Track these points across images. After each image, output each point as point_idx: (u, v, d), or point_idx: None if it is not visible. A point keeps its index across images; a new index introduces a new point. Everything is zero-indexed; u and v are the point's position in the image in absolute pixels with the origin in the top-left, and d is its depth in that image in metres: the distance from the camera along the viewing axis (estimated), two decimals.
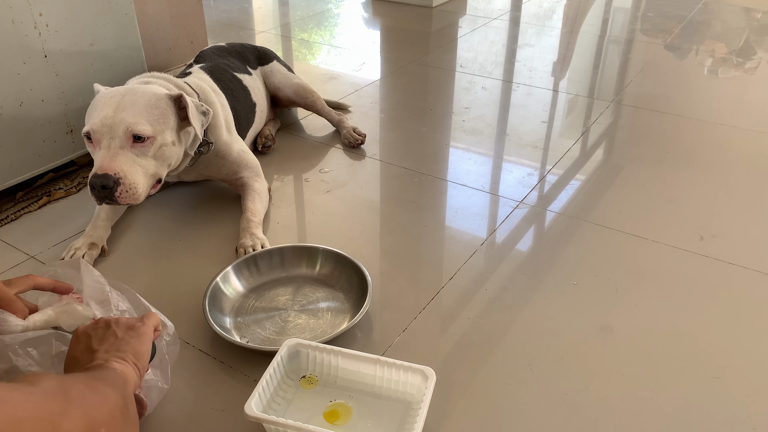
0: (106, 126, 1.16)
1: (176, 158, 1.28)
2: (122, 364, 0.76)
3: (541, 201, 1.52)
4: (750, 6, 3.25)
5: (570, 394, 0.99)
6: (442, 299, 1.19)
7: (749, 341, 1.10)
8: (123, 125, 1.16)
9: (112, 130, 1.16)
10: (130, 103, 1.19)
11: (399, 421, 0.92)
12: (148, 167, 1.20)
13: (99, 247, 1.29)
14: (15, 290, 0.85)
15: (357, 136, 1.77)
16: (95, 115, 1.18)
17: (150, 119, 1.19)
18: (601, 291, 1.21)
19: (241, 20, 3.01)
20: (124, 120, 1.16)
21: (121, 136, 1.16)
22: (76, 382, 0.66)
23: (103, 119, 1.16)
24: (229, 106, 1.49)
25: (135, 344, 0.80)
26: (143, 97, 1.20)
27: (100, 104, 1.19)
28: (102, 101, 1.20)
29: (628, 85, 2.22)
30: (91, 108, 1.21)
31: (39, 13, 1.38)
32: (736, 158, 1.72)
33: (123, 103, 1.18)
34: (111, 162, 1.15)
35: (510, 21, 3.01)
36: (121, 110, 1.17)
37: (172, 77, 1.37)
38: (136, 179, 1.17)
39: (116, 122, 1.16)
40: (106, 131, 1.16)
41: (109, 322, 0.82)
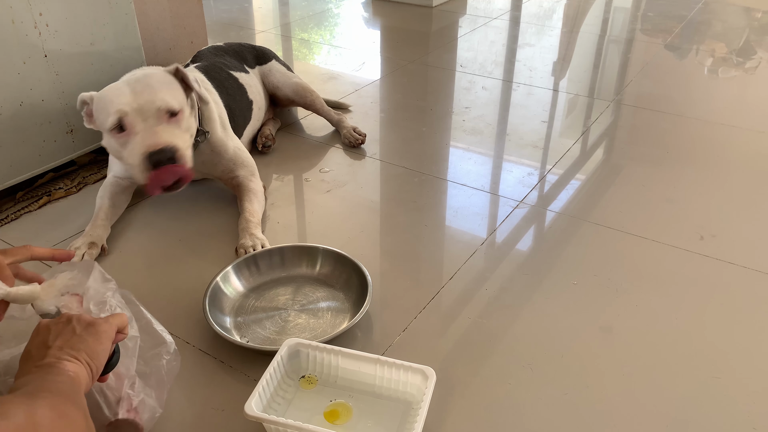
0: (135, 109, 1.17)
1: (194, 129, 1.30)
2: (75, 364, 0.72)
3: (541, 201, 1.52)
4: (750, 6, 3.25)
5: (570, 394, 0.99)
6: (442, 299, 1.19)
7: (749, 341, 1.10)
8: (155, 105, 1.18)
9: (147, 111, 1.18)
10: (147, 85, 1.21)
11: (399, 421, 0.92)
12: (184, 139, 1.22)
13: (99, 246, 1.29)
14: (10, 260, 0.83)
15: (357, 136, 1.77)
16: (114, 104, 1.17)
17: (172, 94, 1.22)
18: (601, 291, 1.21)
19: (241, 20, 3.01)
20: (156, 98, 1.18)
21: (155, 114, 1.18)
22: (45, 409, 0.63)
23: (128, 103, 1.17)
24: (225, 103, 1.49)
25: (91, 342, 0.75)
26: (152, 77, 1.23)
27: (114, 94, 1.20)
28: (114, 92, 1.20)
29: (628, 84, 2.22)
30: (104, 101, 1.20)
31: (39, 13, 1.38)
32: (736, 158, 1.72)
33: (138, 87, 1.20)
34: (160, 137, 1.17)
35: (510, 21, 3.01)
36: (141, 93, 1.19)
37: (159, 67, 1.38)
38: (183, 146, 1.19)
39: (145, 103, 1.18)
40: (137, 114, 1.18)
41: (71, 318, 0.78)
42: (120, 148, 1.21)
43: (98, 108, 1.22)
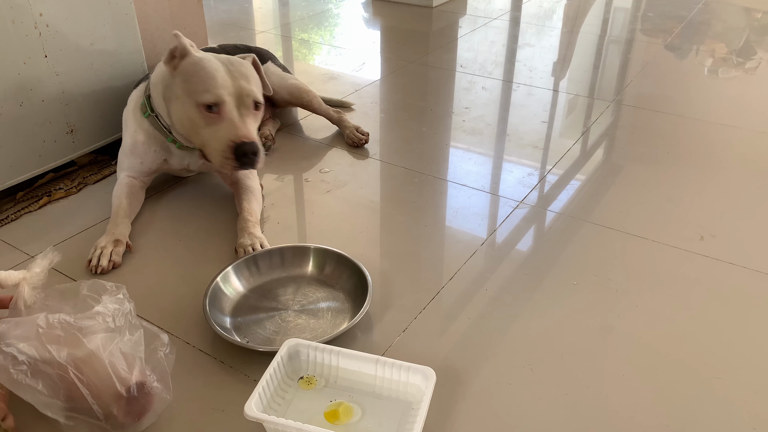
0: (233, 96, 1.23)
1: None
2: None
3: (542, 201, 1.52)
4: (750, 6, 3.25)
5: (570, 394, 0.99)
6: (442, 299, 1.19)
7: (749, 341, 1.10)
8: (249, 93, 1.24)
9: (241, 100, 1.23)
10: (242, 73, 1.26)
11: (399, 421, 0.92)
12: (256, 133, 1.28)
13: (123, 243, 1.29)
14: None
15: (360, 136, 1.77)
16: (219, 85, 1.22)
17: (258, 86, 1.29)
18: (601, 291, 1.21)
19: (241, 20, 3.01)
20: (250, 89, 1.24)
21: (248, 104, 1.24)
22: None
23: (229, 89, 1.22)
24: None
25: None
26: (247, 68, 1.29)
27: (217, 74, 1.23)
28: (216, 69, 1.24)
29: (628, 85, 2.22)
30: (203, 75, 1.23)
31: (39, 13, 1.38)
32: (736, 158, 1.72)
33: (234, 72, 1.25)
34: (250, 130, 1.23)
35: (510, 21, 3.01)
36: (238, 80, 1.24)
37: None
38: (260, 143, 1.26)
39: (242, 91, 1.23)
40: (233, 101, 1.23)
41: None
42: (202, 123, 1.24)
43: (195, 74, 1.25)
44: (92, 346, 0.83)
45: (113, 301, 0.89)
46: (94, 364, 0.83)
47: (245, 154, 1.21)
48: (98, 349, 0.83)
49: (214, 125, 1.23)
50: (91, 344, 0.83)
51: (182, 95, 1.26)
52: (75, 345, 0.83)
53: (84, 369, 0.82)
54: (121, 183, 1.42)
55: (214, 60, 1.26)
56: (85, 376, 0.82)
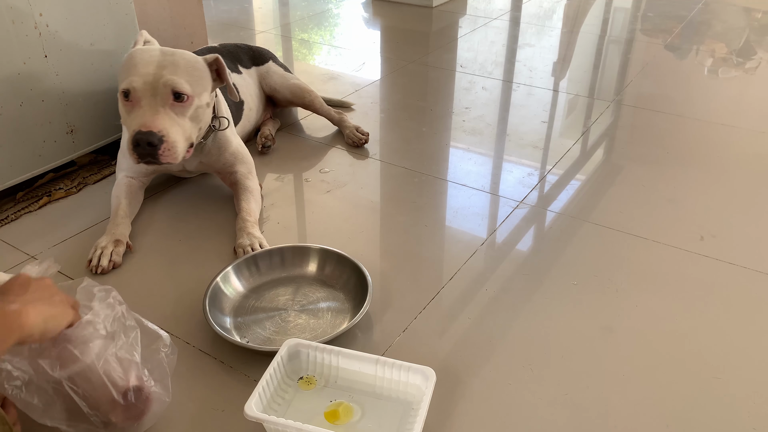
0: (148, 84, 1.18)
1: (206, 121, 1.31)
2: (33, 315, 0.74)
3: (542, 201, 1.52)
4: (750, 6, 3.25)
5: (570, 394, 0.99)
6: (442, 299, 1.19)
7: (749, 341, 1.10)
8: (165, 82, 1.18)
9: (154, 88, 1.18)
10: (171, 62, 1.21)
11: (399, 421, 0.92)
12: (185, 128, 1.22)
13: (124, 243, 1.29)
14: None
15: (360, 136, 1.77)
16: (135, 72, 1.19)
17: (190, 79, 1.22)
18: (602, 291, 1.21)
19: (241, 20, 3.01)
20: (166, 77, 1.18)
21: (163, 93, 1.18)
22: None
23: (144, 76, 1.18)
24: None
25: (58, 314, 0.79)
26: (183, 58, 1.23)
27: (140, 61, 1.20)
28: (142, 58, 1.21)
29: (628, 85, 2.22)
30: (128, 64, 1.21)
31: (39, 13, 1.38)
32: (736, 158, 1.72)
33: (163, 62, 1.20)
34: (154, 119, 1.17)
35: (510, 21, 3.01)
36: (162, 68, 1.19)
37: None
38: (177, 138, 1.19)
39: (157, 79, 1.18)
40: (148, 89, 1.18)
41: (51, 283, 0.81)
42: (125, 114, 1.22)
43: (125, 63, 1.23)
44: (86, 359, 0.82)
45: (104, 306, 0.87)
46: (88, 375, 0.82)
47: (138, 144, 1.15)
48: (92, 361, 0.82)
49: (130, 114, 1.20)
50: (85, 357, 0.81)
51: None
52: (68, 359, 0.82)
53: (79, 382, 0.81)
54: (119, 183, 1.42)
55: (150, 51, 1.23)
56: (80, 388, 0.81)
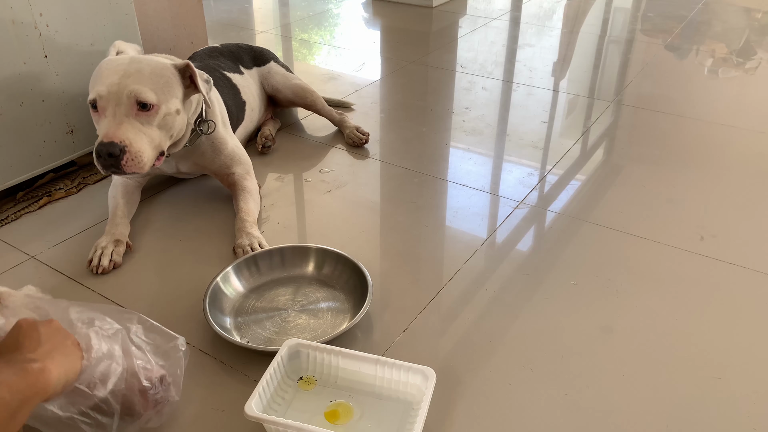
0: (112, 93, 1.17)
1: (179, 128, 1.28)
2: (55, 370, 0.72)
3: (542, 201, 1.52)
4: (750, 6, 3.25)
5: (570, 394, 0.99)
6: (442, 299, 1.19)
7: (749, 341, 1.10)
8: (127, 91, 1.17)
9: (118, 97, 1.17)
10: (136, 70, 1.19)
11: (399, 421, 0.92)
12: (153, 136, 1.20)
13: (124, 243, 1.29)
14: None
15: (360, 136, 1.77)
16: (101, 82, 1.18)
17: (155, 87, 1.20)
18: (601, 291, 1.21)
19: (241, 20, 3.01)
20: (129, 86, 1.17)
21: (126, 103, 1.17)
22: None
23: (109, 86, 1.17)
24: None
25: (75, 360, 0.78)
26: (149, 65, 1.21)
27: (106, 71, 1.19)
28: (108, 68, 1.20)
29: (628, 85, 2.22)
30: (95, 75, 1.21)
31: (39, 13, 1.38)
32: (736, 158, 1.72)
33: (129, 71, 1.19)
34: (117, 130, 1.15)
35: (510, 21, 3.01)
36: (126, 77, 1.18)
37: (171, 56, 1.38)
38: (142, 147, 1.17)
39: (122, 89, 1.17)
40: (112, 98, 1.17)
41: (60, 327, 0.80)
42: (95, 124, 1.21)
43: (93, 74, 1.22)
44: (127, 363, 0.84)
45: (92, 333, 0.88)
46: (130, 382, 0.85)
47: (100, 155, 1.13)
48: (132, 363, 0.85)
49: (98, 124, 1.19)
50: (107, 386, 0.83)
51: None
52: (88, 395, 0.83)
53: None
54: (115, 184, 1.42)
55: (118, 60, 1.22)
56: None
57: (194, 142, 1.38)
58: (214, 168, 1.46)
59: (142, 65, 1.21)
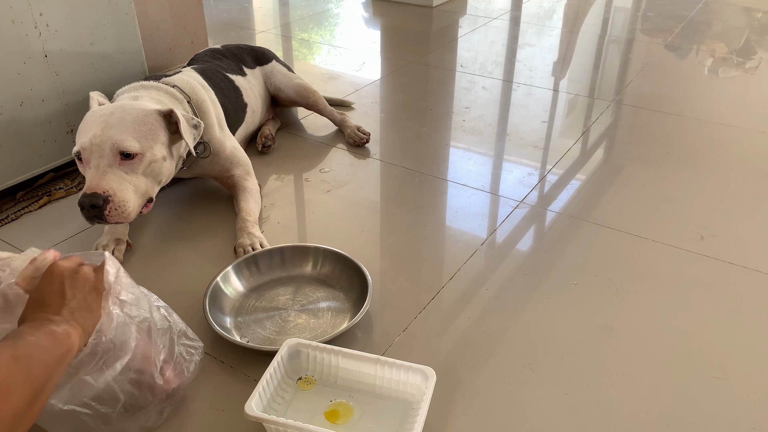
0: (95, 145, 1.15)
1: (168, 174, 1.27)
2: (77, 332, 0.75)
3: (542, 201, 1.52)
4: (750, 6, 3.25)
5: (570, 394, 0.99)
6: (442, 299, 1.19)
7: (749, 341, 1.10)
8: (110, 143, 1.15)
9: (101, 149, 1.15)
10: (118, 120, 1.18)
11: (399, 421, 0.92)
12: (138, 185, 1.18)
13: (124, 242, 1.30)
14: None
15: (362, 135, 1.77)
16: (83, 134, 1.17)
17: (137, 135, 1.18)
18: (602, 291, 1.21)
19: (241, 20, 3.01)
20: (111, 137, 1.15)
21: (109, 154, 1.15)
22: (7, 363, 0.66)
23: (92, 138, 1.15)
24: (221, 103, 1.49)
25: (95, 315, 0.80)
26: (131, 114, 1.19)
27: (89, 123, 1.19)
28: (91, 120, 1.19)
29: (628, 84, 2.22)
30: (80, 127, 1.20)
31: (39, 13, 1.38)
32: (736, 158, 1.72)
33: (110, 121, 1.17)
34: (100, 181, 1.14)
35: (510, 21, 3.01)
36: (108, 128, 1.16)
37: (162, 85, 1.36)
38: (126, 197, 1.15)
39: (104, 140, 1.15)
40: (95, 150, 1.15)
41: (87, 276, 0.81)
42: (83, 174, 1.20)
43: (79, 127, 1.21)
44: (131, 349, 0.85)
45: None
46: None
47: (83, 207, 1.12)
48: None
49: (84, 175, 1.18)
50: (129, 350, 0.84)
51: None
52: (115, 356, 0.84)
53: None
54: None
55: (100, 111, 1.20)
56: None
57: (190, 164, 1.38)
58: (213, 173, 1.46)
59: (125, 114, 1.19)
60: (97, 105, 1.26)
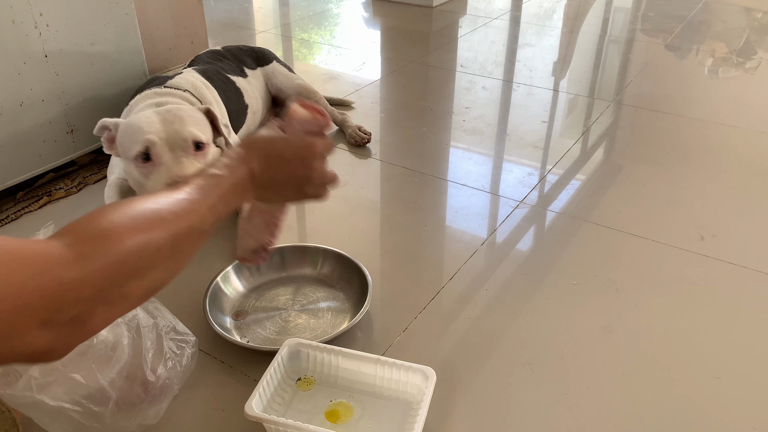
0: (164, 139, 1.16)
1: None
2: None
3: (542, 201, 1.52)
4: (750, 6, 3.25)
5: (570, 394, 0.99)
6: (442, 299, 1.19)
7: (749, 341, 1.10)
8: (184, 133, 1.16)
9: (172, 142, 1.16)
10: (176, 116, 1.19)
11: (399, 421, 0.92)
12: None
13: None
14: None
15: (363, 135, 1.77)
16: (144, 132, 1.16)
17: (202, 128, 1.21)
18: (601, 291, 1.21)
19: (241, 20, 3.01)
20: (185, 129, 1.17)
21: (183, 145, 1.16)
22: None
23: (158, 133, 1.15)
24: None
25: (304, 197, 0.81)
26: (184, 111, 1.21)
27: (144, 124, 1.17)
28: (146, 121, 1.18)
29: (628, 85, 2.22)
30: (133, 130, 1.17)
31: (39, 13, 1.38)
32: (736, 158, 1.72)
33: (169, 118, 1.18)
34: (182, 168, 1.14)
35: (510, 21, 3.01)
36: (170, 124, 1.17)
37: (175, 90, 1.36)
38: None
39: (175, 132, 1.16)
40: (167, 143, 1.16)
41: (322, 147, 0.80)
42: (143, 178, 1.18)
43: (125, 135, 1.19)
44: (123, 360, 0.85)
45: None
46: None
47: None
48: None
49: (151, 174, 1.17)
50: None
51: (125, 160, 1.22)
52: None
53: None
54: (112, 183, 1.42)
55: (146, 114, 1.20)
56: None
57: None
58: None
59: (179, 111, 1.20)
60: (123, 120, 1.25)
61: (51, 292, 0.48)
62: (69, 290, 0.49)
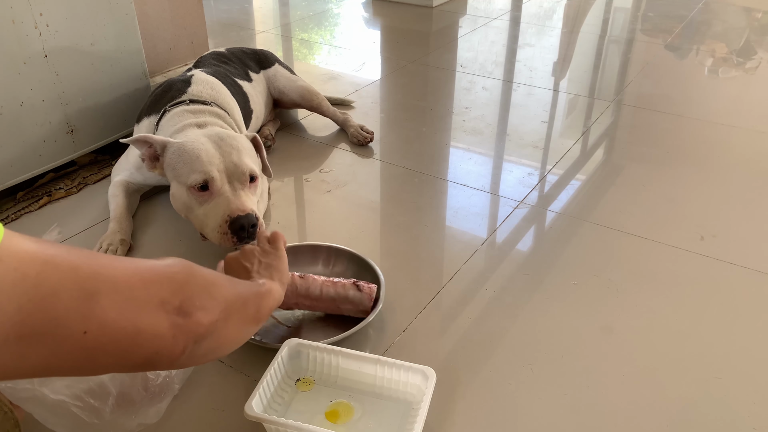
0: (227, 171, 1.19)
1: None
2: (270, 282, 0.87)
3: (542, 201, 1.52)
4: (750, 6, 3.25)
5: (570, 394, 0.99)
6: (442, 299, 1.19)
7: (749, 341, 1.10)
8: (243, 168, 1.20)
9: (232, 174, 1.19)
10: (233, 147, 1.21)
11: (399, 421, 0.92)
12: (258, 206, 1.26)
13: (127, 243, 1.31)
14: None
15: (365, 134, 1.77)
16: (204, 163, 1.17)
17: (254, 159, 1.25)
18: (602, 291, 1.21)
19: (241, 20, 3.01)
20: (242, 163, 1.20)
21: (241, 178, 1.20)
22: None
23: (218, 166, 1.18)
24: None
25: (276, 264, 0.93)
26: (238, 141, 1.24)
27: (202, 154, 1.18)
28: (205, 151, 1.19)
29: (628, 85, 2.22)
30: (193, 159, 1.18)
31: (39, 13, 1.38)
32: (736, 158, 1.72)
33: (225, 148, 1.20)
34: (245, 202, 1.18)
35: (510, 21, 3.01)
36: (228, 155, 1.20)
37: (206, 107, 1.36)
38: (259, 214, 1.22)
39: (234, 165, 1.19)
40: (225, 176, 1.19)
41: (252, 250, 0.95)
42: (197, 205, 1.19)
43: (180, 160, 1.20)
44: None
45: None
46: None
47: (242, 228, 1.15)
48: None
49: (207, 204, 1.18)
50: None
51: (174, 181, 1.23)
52: None
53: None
54: (118, 183, 1.42)
55: (201, 139, 1.21)
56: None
57: None
58: None
59: (233, 141, 1.23)
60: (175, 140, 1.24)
61: None
62: None
